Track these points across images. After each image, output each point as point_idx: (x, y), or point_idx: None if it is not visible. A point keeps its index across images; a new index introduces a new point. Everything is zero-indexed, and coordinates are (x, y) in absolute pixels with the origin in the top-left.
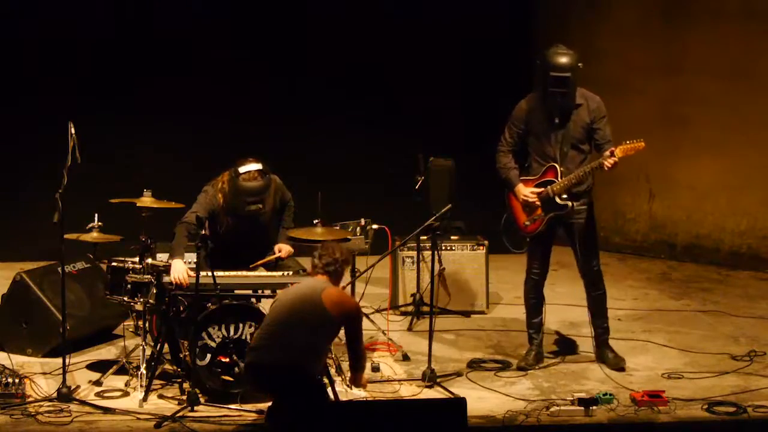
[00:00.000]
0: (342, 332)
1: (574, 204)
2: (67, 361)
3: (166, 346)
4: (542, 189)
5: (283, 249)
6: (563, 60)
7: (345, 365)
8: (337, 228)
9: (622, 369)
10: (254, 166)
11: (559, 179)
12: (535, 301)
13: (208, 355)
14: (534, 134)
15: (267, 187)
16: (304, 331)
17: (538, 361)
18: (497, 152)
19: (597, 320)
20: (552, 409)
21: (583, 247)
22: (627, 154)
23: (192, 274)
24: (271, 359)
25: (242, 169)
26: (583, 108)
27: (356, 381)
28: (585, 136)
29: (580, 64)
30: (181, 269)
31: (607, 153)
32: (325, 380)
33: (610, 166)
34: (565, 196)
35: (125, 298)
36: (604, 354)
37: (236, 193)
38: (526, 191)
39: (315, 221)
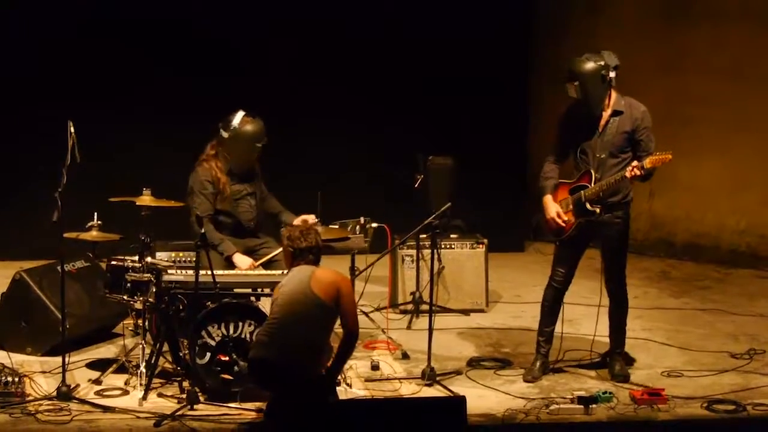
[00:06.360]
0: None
1: (603, 211)
2: (66, 359)
3: (165, 344)
4: (565, 214)
5: (308, 218)
6: (572, 66)
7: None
8: (337, 227)
9: (623, 380)
10: (241, 112)
11: (592, 185)
12: (550, 310)
13: (208, 354)
14: (575, 140)
15: (263, 124)
16: (301, 329)
17: (544, 372)
18: (545, 159)
19: (614, 333)
20: (552, 408)
21: (612, 260)
22: (655, 165)
23: (255, 262)
24: (271, 357)
25: (235, 120)
26: (625, 116)
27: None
28: (625, 144)
29: (612, 74)
30: (247, 261)
31: (634, 163)
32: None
33: (629, 175)
34: (596, 202)
35: (125, 297)
36: (613, 365)
37: (243, 141)
38: (553, 213)
39: (316, 221)
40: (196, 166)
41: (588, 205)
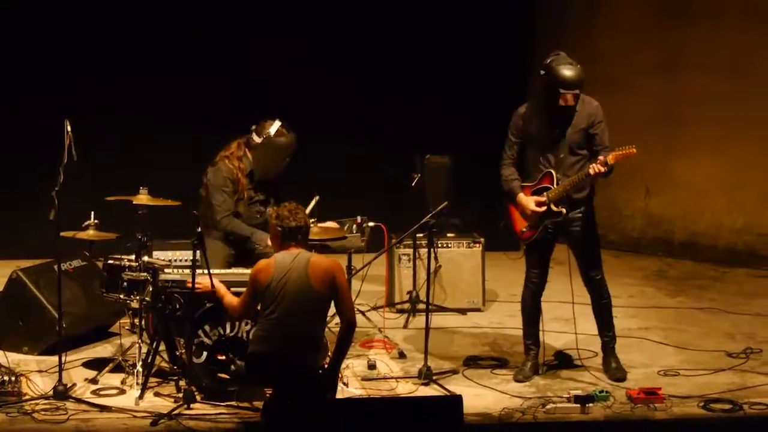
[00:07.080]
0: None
1: (568, 210)
2: (63, 359)
3: (162, 343)
4: (541, 197)
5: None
6: (571, 74)
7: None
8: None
9: (619, 380)
10: (278, 122)
11: (555, 186)
12: (532, 311)
13: (205, 353)
14: (532, 142)
15: (295, 139)
16: (300, 321)
17: (535, 373)
18: (500, 165)
19: (602, 329)
20: (548, 407)
21: (582, 256)
22: (619, 160)
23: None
24: (272, 350)
25: (271, 129)
26: (580, 113)
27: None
28: (583, 140)
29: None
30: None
31: (599, 158)
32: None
33: (593, 173)
34: (560, 203)
35: (121, 296)
36: (608, 363)
37: (274, 150)
38: (531, 205)
39: (312, 220)
40: (218, 162)
41: (553, 207)
